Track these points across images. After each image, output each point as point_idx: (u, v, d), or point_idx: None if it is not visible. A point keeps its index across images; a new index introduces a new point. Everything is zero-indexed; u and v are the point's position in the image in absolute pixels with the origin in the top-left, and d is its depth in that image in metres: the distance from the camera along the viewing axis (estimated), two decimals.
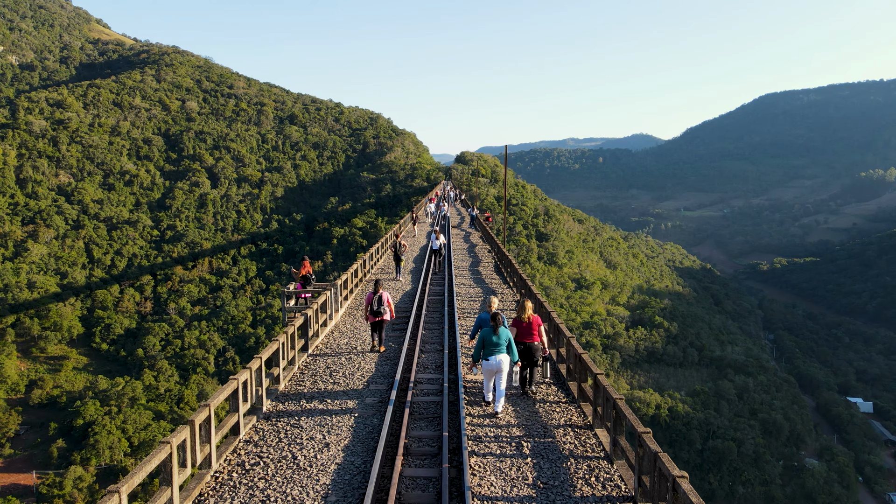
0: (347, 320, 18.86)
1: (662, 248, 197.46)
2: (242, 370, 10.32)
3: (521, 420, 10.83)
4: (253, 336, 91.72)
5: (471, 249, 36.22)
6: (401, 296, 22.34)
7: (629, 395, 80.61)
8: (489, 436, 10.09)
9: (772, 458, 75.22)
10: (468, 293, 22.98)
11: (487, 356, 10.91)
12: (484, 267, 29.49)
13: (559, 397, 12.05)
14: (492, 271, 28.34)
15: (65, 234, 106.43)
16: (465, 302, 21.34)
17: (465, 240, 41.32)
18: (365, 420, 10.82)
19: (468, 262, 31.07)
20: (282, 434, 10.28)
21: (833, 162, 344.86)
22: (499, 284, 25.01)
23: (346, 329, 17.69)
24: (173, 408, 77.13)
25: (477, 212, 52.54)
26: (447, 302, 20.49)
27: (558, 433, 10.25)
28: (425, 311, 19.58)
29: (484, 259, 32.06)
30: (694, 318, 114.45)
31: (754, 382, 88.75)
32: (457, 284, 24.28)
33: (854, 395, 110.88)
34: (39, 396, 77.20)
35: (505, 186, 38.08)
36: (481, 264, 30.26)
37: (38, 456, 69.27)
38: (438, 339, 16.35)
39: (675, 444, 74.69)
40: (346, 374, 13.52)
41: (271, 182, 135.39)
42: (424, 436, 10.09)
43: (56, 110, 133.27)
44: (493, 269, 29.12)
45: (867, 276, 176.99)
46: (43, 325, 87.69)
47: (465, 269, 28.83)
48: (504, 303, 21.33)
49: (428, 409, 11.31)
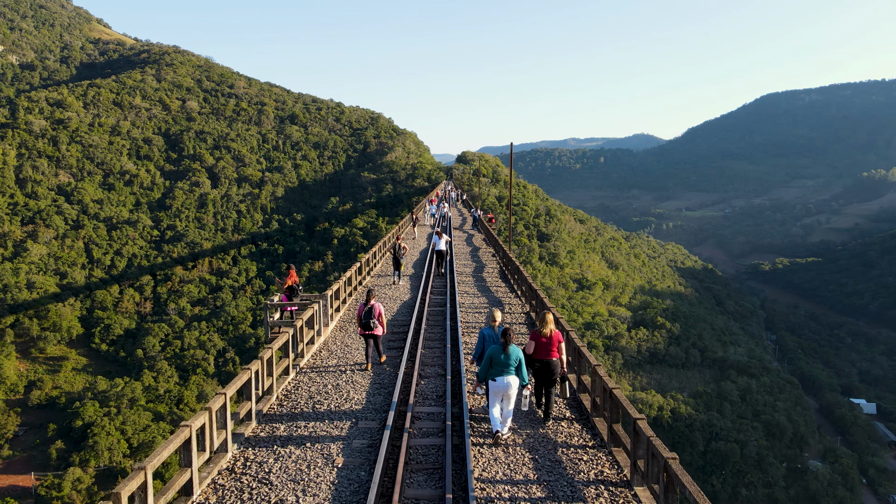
0: (338, 335, 17.08)
1: (664, 249, 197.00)
2: (200, 412, 8.47)
3: (541, 472, 9.02)
4: (253, 336, 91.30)
5: (474, 253, 34.62)
6: (399, 307, 20.61)
7: (631, 397, 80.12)
8: (503, 497, 8.29)
9: (775, 460, 74.75)
10: (472, 303, 21.26)
11: (495, 376, 9.96)
12: (488, 273, 27.94)
13: (584, 439, 10.35)
14: (497, 278, 26.68)
15: (64, 234, 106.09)
16: (470, 314, 19.63)
17: (468, 242, 39.90)
18: (350, 473, 9.00)
19: (471, 266, 29.61)
20: (246, 495, 8.37)
21: (835, 162, 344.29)
22: (505, 293, 23.19)
23: (336, 346, 15.98)
24: (173, 409, 76.77)
25: (480, 213, 51.45)
26: (449, 314, 18.73)
27: (588, 493, 8.42)
28: (425, 325, 17.68)
29: (488, 264, 30.61)
30: (696, 318, 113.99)
31: (757, 384, 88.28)
32: (459, 293, 22.65)
33: (857, 397, 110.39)
34: (38, 397, 76.92)
35: (511, 187, 37.36)
36: (485, 269, 28.76)
37: (37, 457, 68.96)
38: (440, 361, 14.55)
39: (678, 446, 74.18)
40: (331, 406, 11.76)
41: (272, 182, 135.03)
42: (423, 496, 8.33)
43: (56, 110, 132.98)
44: (498, 274, 27.48)
45: (869, 276, 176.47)
46: (42, 325, 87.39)
47: (468, 274, 27.29)
48: (512, 315, 19.58)
49: (427, 457, 9.58)
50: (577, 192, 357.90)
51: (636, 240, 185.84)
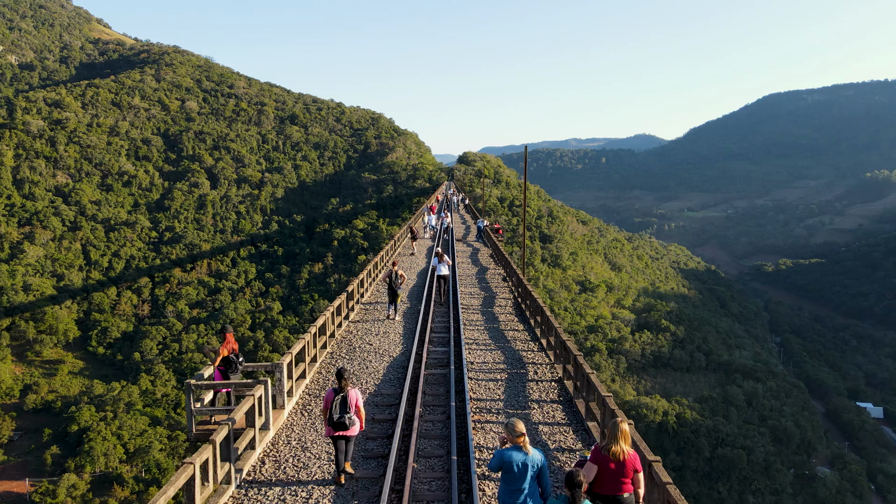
0: (297, 426, 11.73)
1: (667, 250, 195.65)
2: None
3: None
4: (252, 340, 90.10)
5: (481, 276, 29.95)
6: (385, 368, 15.36)
7: (636, 402, 78.88)
8: None
9: (782, 467, 73.47)
10: (484, 361, 16.04)
11: None
12: (500, 307, 23.21)
13: None
14: (511, 314, 22.05)
15: (62, 236, 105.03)
16: (482, 385, 14.07)
17: (474, 260, 34.84)
18: None
19: (479, 297, 24.97)
20: None
21: (838, 162, 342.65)
22: (525, 343, 18.03)
23: (289, 451, 10.58)
24: (170, 413, 75.71)
25: (486, 222, 45.65)
26: (454, 383, 13.75)
27: None
28: (420, 408, 12.27)
29: (499, 292, 25.97)
30: (701, 321, 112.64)
31: (763, 388, 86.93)
32: (466, 344, 17.45)
33: (863, 400, 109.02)
34: (34, 401, 75.93)
35: (524, 194, 34.02)
36: (496, 301, 24.17)
37: (32, 462, 68.01)
38: (441, 485, 9.37)
39: (684, 451, 72.97)
40: None
41: (271, 183, 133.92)
42: None
43: (54, 110, 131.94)
44: (512, 308, 23.03)
45: (874, 277, 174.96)
46: (38, 328, 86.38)
47: (475, 309, 22.66)
48: (538, 385, 14.24)
49: None
50: (579, 193, 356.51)
51: (638, 241, 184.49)
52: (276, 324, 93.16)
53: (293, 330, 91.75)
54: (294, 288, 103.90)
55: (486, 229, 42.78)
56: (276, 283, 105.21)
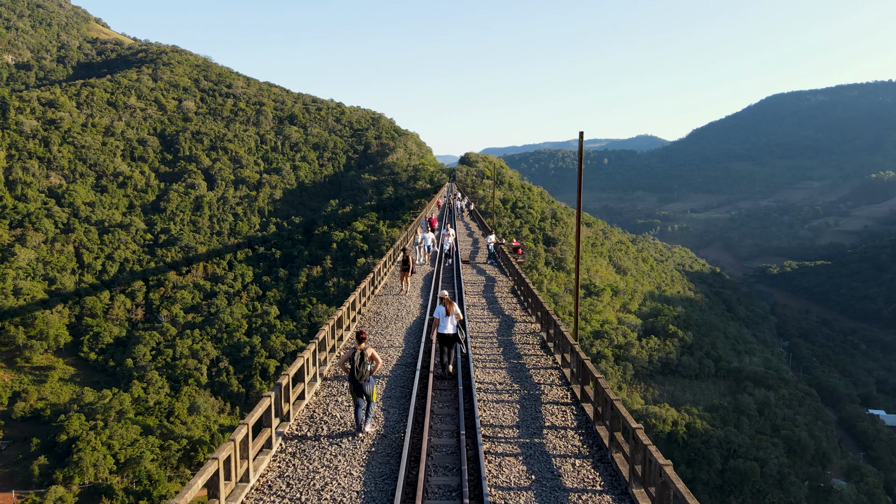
0: None
1: (671, 252, 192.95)
2: None
3: None
4: (248, 345, 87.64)
5: (504, 327, 19.05)
6: None
7: (643, 411, 76.25)
8: None
9: (797, 479, 70.79)
10: None
11: None
12: (547, 396, 12.74)
13: None
14: (565, 412, 11.82)
15: (54, 238, 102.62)
16: None
17: (488, 297, 23.58)
18: None
19: (503, 370, 14.62)
20: None
21: (842, 163, 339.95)
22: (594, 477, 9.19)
23: None
24: (163, 422, 73.26)
25: (497, 239, 34.08)
26: None
27: None
28: None
29: (536, 363, 15.20)
30: (709, 326, 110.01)
31: (775, 396, 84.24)
32: None
33: (875, 407, 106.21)
34: (23, 409, 73.71)
35: (579, 210, 20.92)
36: (538, 385, 13.52)
37: (20, 473, 65.79)
38: None
39: (694, 463, 70.34)
40: None
41: (270, 184, 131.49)
42: None
43: (48, 110, 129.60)
44: (567, 398, 12.61)
45: (881, 280, 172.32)
46: (28, 333, 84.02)
47: (505, 404, 12.23)
48: None
49: None
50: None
51: (643, 243, 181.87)
52: (273, 329, 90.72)
53: (290, 335, 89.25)
54: (292, 292, 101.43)
55: (501, 249, 32.63)
56: (273, 287, 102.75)
